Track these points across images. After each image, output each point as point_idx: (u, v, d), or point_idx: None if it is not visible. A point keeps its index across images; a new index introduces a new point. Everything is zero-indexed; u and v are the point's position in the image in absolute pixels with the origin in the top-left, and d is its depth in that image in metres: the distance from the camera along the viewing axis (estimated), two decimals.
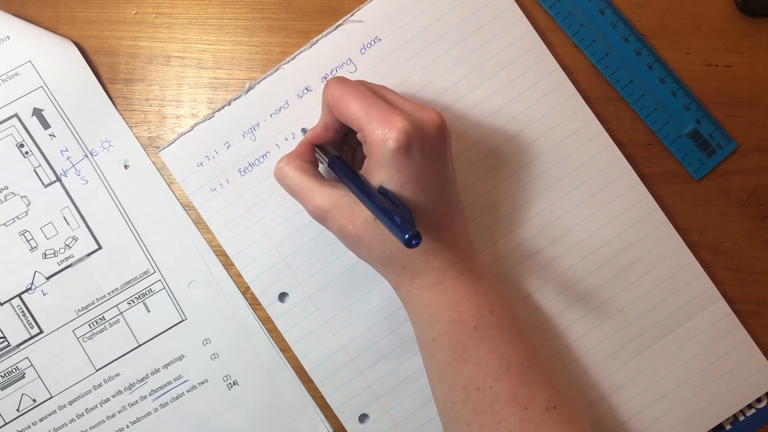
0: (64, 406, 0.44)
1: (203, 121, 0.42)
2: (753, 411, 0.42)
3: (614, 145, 0.41)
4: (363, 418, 0.43)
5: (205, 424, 0.44)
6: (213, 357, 0.44)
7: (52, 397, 0.43)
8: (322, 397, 0.43)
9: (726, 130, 0.43)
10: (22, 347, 0.43)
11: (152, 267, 0.43)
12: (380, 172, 0.35)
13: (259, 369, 0.43)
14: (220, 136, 0.42)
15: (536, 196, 0.42)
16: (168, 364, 0.44)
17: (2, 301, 0.43)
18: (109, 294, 0.43)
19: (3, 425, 0.43)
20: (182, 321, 0.43)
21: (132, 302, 0.43)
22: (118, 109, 0.42)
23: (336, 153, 0.38)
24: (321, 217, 0.37)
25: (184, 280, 0.43)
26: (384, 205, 0.33)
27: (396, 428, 0.43)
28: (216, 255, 0.42)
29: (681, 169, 0.43)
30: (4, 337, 0.44)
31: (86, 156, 0.43)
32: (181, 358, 0.44)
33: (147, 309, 0.43)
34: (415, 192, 0.35)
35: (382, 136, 0.34)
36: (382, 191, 0.35)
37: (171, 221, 0.43)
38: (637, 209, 0.41)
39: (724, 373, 0.41)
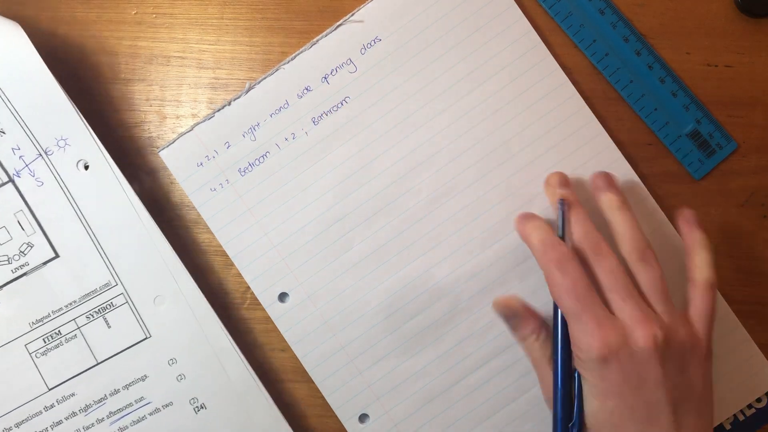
0: (10, 429, 0.39)
1: (203, 121, 0.41)
2: (753, 411, 0.41)
3: (614, 145, 0.42)
4: (363, 418, 0.41)
5: None
6: (179, 378, 0.40)
7: None
8: (322, 398, 0.41)
9: (726, 130, 0.43)
10: None
11: (114, 279, 0.40)
12: (583, 378, 0.35)
13: (229, 392, 0.40)
14: (220, 137, 0.41)
15: (535, 196, 0.42)
16: (129, 385, 0.40)
17: None
18: (66, 307, 0.40)
19: None
20: (146, 338, 0.40)
21: (91, 316, 0.40)
22: (74, 105, 0.39)
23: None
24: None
25: (148, 293, 0.40)
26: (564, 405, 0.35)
27: (396, 428, 0.41)
28: (185, 266, 0.40)
29: (681, 169, 0.43)
30: None
31: (40, 155, 0.40)
32: (143, 378, 0.40)
33: (107, 324, 0.40)
34: (617, 407, 0.34)
35: (586, 346, 0.34)
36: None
37: (135, 229, 0.40)
38: (637, 210, 0.42)
39: (724, 373, 0.41)
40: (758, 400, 0.41)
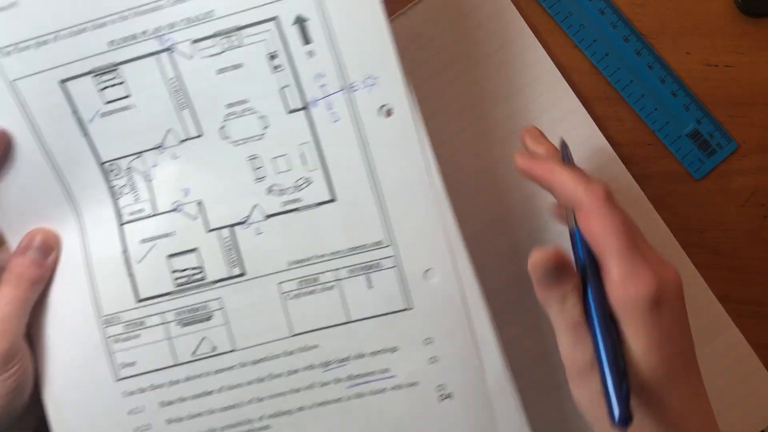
0: (246, 365, 0.38)
1: None
2: None
3: (609, 145, 0.42)
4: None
5: (399, 429, 0.38)
6: (431, 360, 0.37)
7: (234, 351, 0.38)
8: None
9: (726, 130, 0.43)
10: (217, 285, 0.37)
11: (388, 239, 0.37)
12: (623, 327, 0.30)
13: (480, 388, 0.37)
14: None
15: (533, 195, 0.43)
16: (376, 353, 0.38)
17: (211, 228, 0.37)
18: (330, 255, 0.37)
19: (173, 365, 0.37)
20: (406, 309, 0.37)
21: (354, 272, 0.37)
22: (394, 43, 0.35)
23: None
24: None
25: (420, 264, 0.37)
26: (614, 362, 0.29)
27: None
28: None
29: (681, 169, 0.44)
30: (202, 269, 0.37)
31: (343, 89, 0.36)
32: (393, 350, 0.38)
33: (369, 284, 0.37)
34: (663, 363, 0.30)
35: (633, 290, 0.30)
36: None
37: (423, 193, 0.37)
38: (631, 211, 0.36)
39: (718, 373, 0.42)
40: None
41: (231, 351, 0.37)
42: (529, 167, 0.35)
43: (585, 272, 0.32)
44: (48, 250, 0.37)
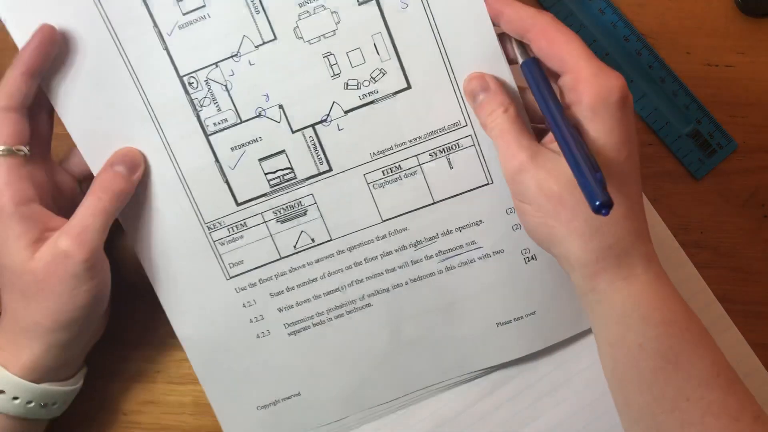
0: (343, 252, 0.41)
1: None
2: None
3: None
4: None
5: (491, 294, 0.41)
6: (514, 227, 0.41)
7: (331, 240, 0.40)
8: None
9: (726, 130, 0.43)
10: (307, 182, 0.40)
11: (464, 119, 0.39)
12: (595, 124, 0.32)
13: None
14: None
15: None
16: (462, 228, 0.41)
17: (295, 129, 0.39)
18: (410, 142, 0.39)
19: (278, 259, 0.41)
20: (487, 184, 0.40)
21: (434, 155, 0.39)
22: None
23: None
24: (518, 169, 0.33)
25: None
26: (586, 153, 0.31)
27: None
28: None
29: (681, 169, 0.44)
30: (291, 169, 0.39)
31: None
32: (478, 223, 0.40)
33: (450, 165, 0.40)
34: (630, 155, 0.33)
35: (606, 83, 0.32)
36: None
37: (495, 68, 0.38)
38: None
39: None
40: None
41: (328, 241, 0.40)
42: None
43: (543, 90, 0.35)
44: (134, 167, 0.38)
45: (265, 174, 0.39)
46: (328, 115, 0.39)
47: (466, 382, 0.43)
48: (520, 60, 0.36)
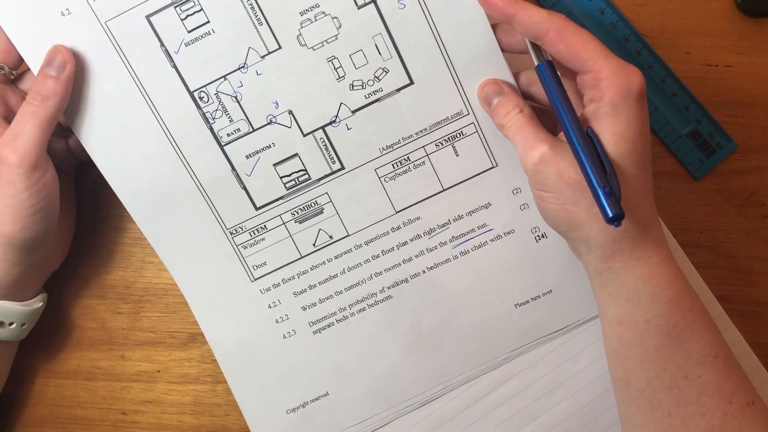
0: (360, 246, 0.42)
1: None
2: None
3: None
4: None
5: (507, 275, 0.43)
6: (522, 207, 0.42)
7: (348, 236, 0.42)
8: None
9: (726, 130, 0.43)
10: (322, 182, 0.41)
11: (466, 108, 0.41)
12: (616, 118, 0.33)
13: None
14: None
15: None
16: (472, 211, 0.42)
17: (305, 132, 0.41)
18: (416, 134, 0.41)
19: (299, 258, 0.42)
20: (492, 168, 0.42)
21: (440, 144, 0.41)
22: None
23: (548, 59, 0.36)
24: (539, 159, 0.35)
25: None
26: (600, 163, 0.33)
27: None
28: None
29: (681, 169, 0.44)
30: (305, 170, 0.41)
31: None
32: (487, 206, 0.42)
33: (456, 152, 0.41)
34: (645, 147, 0.35)
35: (626, 79, 0.34)
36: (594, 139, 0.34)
37: (491, 61, 0.40)
38: None
39: None
40: None
41: (345, 237, 0.42)
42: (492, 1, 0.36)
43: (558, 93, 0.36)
44: (62, 65, 0.37)
45: (281, 177, 0.41)
46: (337, 116, 0.40)
47: (489, 371, 0.43)
48: (535, 62, 0.37)
